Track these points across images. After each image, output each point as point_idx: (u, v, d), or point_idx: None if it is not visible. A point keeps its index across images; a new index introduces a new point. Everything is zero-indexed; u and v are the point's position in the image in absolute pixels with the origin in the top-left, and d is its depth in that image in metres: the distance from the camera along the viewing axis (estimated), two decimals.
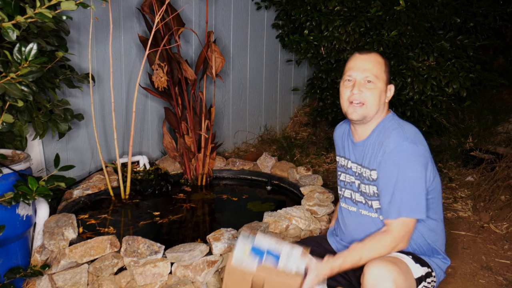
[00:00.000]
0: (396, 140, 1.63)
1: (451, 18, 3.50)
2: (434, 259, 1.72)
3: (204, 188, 3.05)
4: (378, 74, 1.68)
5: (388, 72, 1.73)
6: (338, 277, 1.83)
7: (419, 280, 1.60)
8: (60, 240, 2.06)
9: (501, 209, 2.92)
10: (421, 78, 3.39)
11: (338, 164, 1.90)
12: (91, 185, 2.75)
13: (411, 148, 1.60)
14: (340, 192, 1.88)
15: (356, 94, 1.67)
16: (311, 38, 3.67)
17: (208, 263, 2.01)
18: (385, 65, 1.72)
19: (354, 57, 1.74)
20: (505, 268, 2.37)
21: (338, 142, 1.92)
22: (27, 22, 1.64)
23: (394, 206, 1.60)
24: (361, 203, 1.76)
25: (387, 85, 1.73)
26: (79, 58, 2.83)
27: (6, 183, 1.91)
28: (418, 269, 1.62)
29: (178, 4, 3.28)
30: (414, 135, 1.66)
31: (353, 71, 1.70)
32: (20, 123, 2.29)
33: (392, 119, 1.73)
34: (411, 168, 1.60)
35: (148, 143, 3.40)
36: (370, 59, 1.70)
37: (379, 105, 1.69)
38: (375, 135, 1.71)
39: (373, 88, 1.67)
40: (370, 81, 1.67)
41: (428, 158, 1.66)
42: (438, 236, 1.75)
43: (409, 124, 1.72)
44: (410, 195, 1.59)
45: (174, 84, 2.94)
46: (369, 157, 1.70)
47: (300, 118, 4.43)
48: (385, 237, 1.60)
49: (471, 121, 4.21)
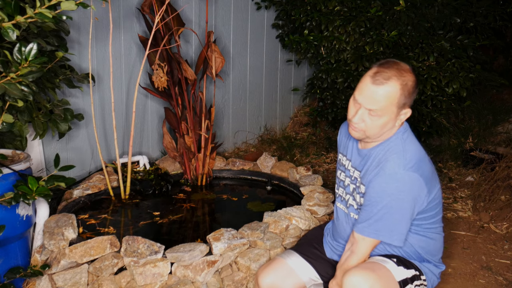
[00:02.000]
0: (392, 166, 1.55)
1: (451, 18, 3.50)
2: (425, 264, 1.70)
3: (204, 188, 3.05)
4: (386, 109, 1.52)
5: (407, 96, 1.54)
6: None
7: (403, 282, 1.58)
8: (60, 240, 2.06)
9: (501, 209, 2.92)
10: (421, 78, 3.39)
11: (339, 162, 1.85)
12: (91, 185, 2.75)
13: (405, 178, 1.53)
14: (337, 191, 1.86)
15: (356, 122, 1.57)
16: (311, 38, 3.67)
17: (208, 263, 2.01)
18: (403, 90, 1.52)
19: (366, 80, 1.54)
20: (505, 268, 2.37)
21: (343, 139, 1.84)
22: (27, 22, 1.64)
23: (367, 224, 1.59)
24: (352, 207, 1.75)
25: (402, 110, 1.56)
26: (79, 58, 2.83)
27: (6, 183, 1.91)
28: (402, 271, 1.60)
29: (178, 4, 3.28)
30: (415, 162, 1.55)
31: (361, 96, 1.54)
32: (20, 123, 2.29)
33: (401, 138, 1.61)
34: (398, 198, 1.54)
35: (148, 143, 3.40)
36: (381, 92, 1.50)
37: (382, 131, 1.58)
38: (378, 150, 1.63)
39: (377, 119, 1.54)
40: (375, 115, 1.53)
41: (423, 187, 1.56)
42: (431, 248, 1.71)
43: (416, 148, 1.61)
44: (390, 221, 1.56)
45: (174, 84, 2.94)
46: (365, 170, 1.64)
47: (300, 118, 4.43)
48: (352, 258, 1.63)
49: (471, 121, 4.21)
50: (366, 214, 1.59)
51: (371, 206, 1.58)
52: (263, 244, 2.15)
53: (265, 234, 2.21)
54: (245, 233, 2.15)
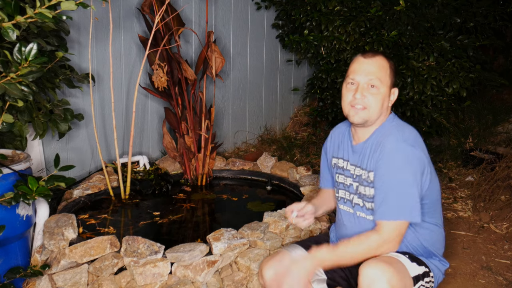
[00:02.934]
0: (393, 141, 1.61)
1: (451, 18, 3.50)
2: (432, 260, 1.71)
3: (204, 188, 3.05)
4: (382, 78, 1.65)
5: (393, 75, 1.69)
6: (337, 277, 1.83)
7: (416, 278, 1.60)
8: (60, 240, 2.06)
9: (501, 209, 2.92)
10: (421, 78, 3.39)
11: (334, 166, 1.88)
12: (91, 185, 2.75)
13: (408, 151, 1.59)
14: (337, 195, 1.88)
15: (358, 98, 1.64)
16: (311, 38, 3.67)
17: (208, 263, 2.01)
18: (390, 69, 1.68)
19: (358, 60, 1.69)
20: (505, 268, 2.37)
21: (335, 142, 1.90)
22: (27, 22, 1.64)
23: (386, 207, 1.58)
24: (358, 206, 1.75)
25: (391, 89, 1.69)
26: (79, 58, 2.83)
27: (6, 183, 1.91)
28: (415, 268, 1.62)
29: (178, 4, 3.28)
30: (413, 138, 1.64)
31: (356, 74, 1.66)
32: (20, 123, 2.29)
33: (393, 121, 1.71)
34: (406, 171, 1.57)
35: (148, 143, 3.40)
36: (374, 63, 1.65)
37: (381, 110, 1.67)
38: (374, 137, 1.70)
39: (376, 93, 1.64)
40: (374, 85, 1.64)
41: (425, 163, 1.63)
42: (434, 240, 1.73)
43: (410, 127, 1.70)
44: (403, 197, 1.57)
45: (174, 84, 2.94)
46: (367, 158, 1.68)
47: (300, 118, 4.43)
48: (373, 235, 1.58)
49: (471, 121, 4.21)
50: (381, 197, 1.60)
51: (384, 187, 1.59)
52: (263, 244, 2.15)
53: (265, 234, 2.21)
54: (245, 233, 2.15)
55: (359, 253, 1.58)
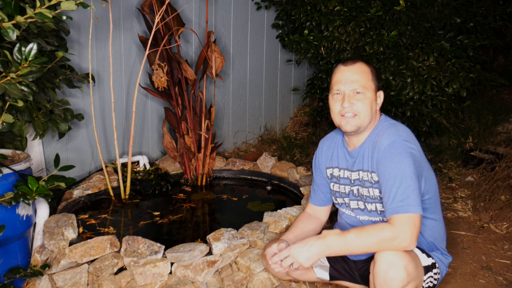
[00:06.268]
0: (389, 137, 1.64)
1: (451, 18, 3.50)
2: (436, 254, 1.74)
3: (204, 188, 3.05)
4: (366, 84, 1.68)
5: (376, 79, 1.72)
6: (341, 269, 1.84)
7: (426, 268, 1.63)
8: (60, 240, 2.06)
9: (501, 209, 2.92)
10: (421, 78, 3.39)
11: (330, 177, 1.90)
12: (91, 185, 2.75)
13: (404, 145, 1.62)
14: (335, 201, 1.91)
15: (347, 107, 1.67)
16: (311, 38, 3.67)
17: (208, 263, 2.01)
18: (372, 73, 1.71)
19: (339, 70, 1.73)
20: (505, 268, 2.37)
21: (327, 154, 1.91)
22: (27, 22, 1.64)
23: (395, 202, 1.57)
24: (358, 210, 1.76)
25: (377, 93, 1.73)
26: (79, 58, 2.83)
27: (6, 183, 1.91)
28: (425, 258, 1.65)
29: (178, 4, 3.28)
30: (407, 134, 1.67)
31: (340, 84, 1.70)
32: (20, 123, 2.29)
33: (385, 121, 1.75)
34: (407, 163, 1.59)
35: (148, 143, 3.40)
36: (355, 70, 1.69)
37: (371, 114, 1.69)
38: (369, 139, 1.73)
39: (363, 98, 1.67)
40: (359, 92, 1.67)
41: (420, 158, 1.66)
42: (437, 235, 1.76)
43: (403, 125, 1.73)
44: (411, 190, 1.57)
45: (174, 84, 2.94)
46: (366, 160, 1.70)
47: (300, 118, 4.43)
48: (386, 226, 1.55)
49: (471, 121, 4.21)
50: (387, 194, 1.60)
51: (388, 183, 1.60)
52: (263, 244, 2.15)
53: (265, 234, 2.21)
54: (245, 233, 2.15)
55: (369, 239, 1.54)
